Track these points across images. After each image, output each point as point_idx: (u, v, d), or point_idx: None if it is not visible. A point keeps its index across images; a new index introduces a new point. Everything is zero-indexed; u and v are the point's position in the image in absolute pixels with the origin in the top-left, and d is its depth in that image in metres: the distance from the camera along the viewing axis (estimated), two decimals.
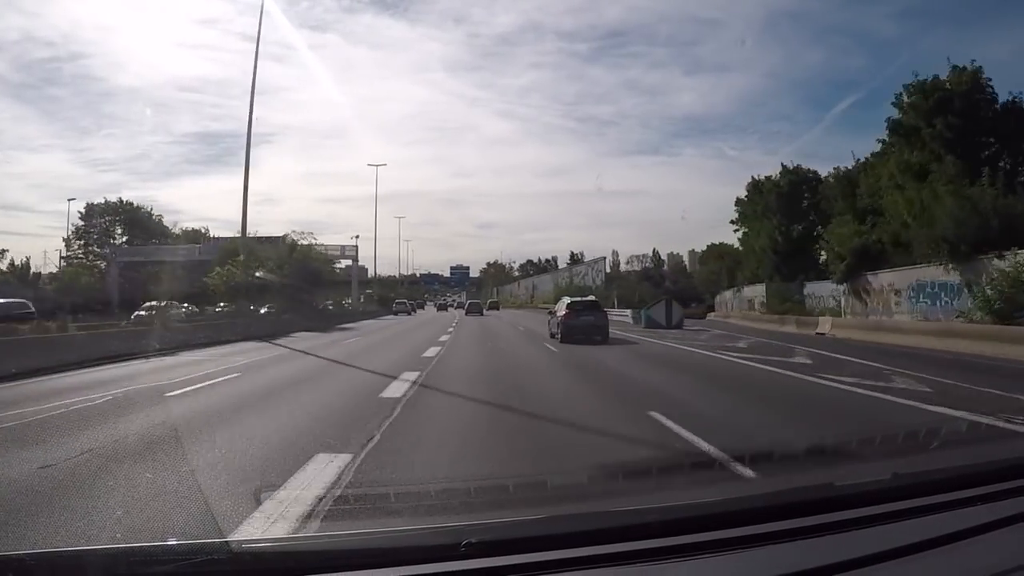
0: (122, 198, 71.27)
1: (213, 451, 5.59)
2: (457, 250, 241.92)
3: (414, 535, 1.78)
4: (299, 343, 20.88)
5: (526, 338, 23.09)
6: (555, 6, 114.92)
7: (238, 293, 28.10)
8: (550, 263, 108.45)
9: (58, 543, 3.28)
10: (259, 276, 30.27)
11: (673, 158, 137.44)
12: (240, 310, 27.83)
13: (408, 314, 60.33)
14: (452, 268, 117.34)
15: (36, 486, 4.50)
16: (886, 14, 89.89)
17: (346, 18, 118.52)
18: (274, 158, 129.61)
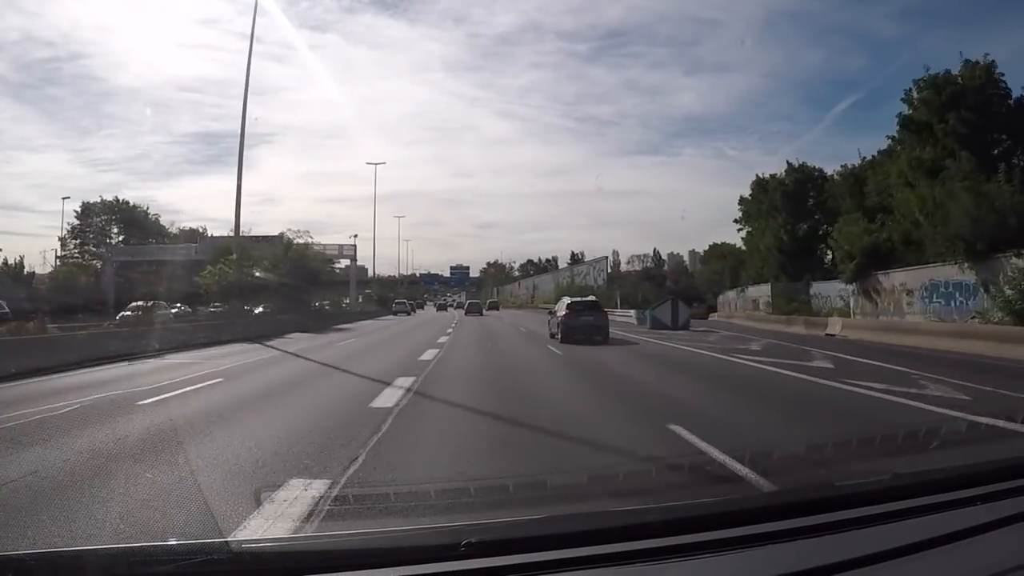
0: (118, 197, 70.92)
1: (172, 474, 4.85)
2: (457, 250, 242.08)
3: (414, 535, 1.77)
4: (292, 345, 20.07)
5: (527, 339, 22.37)
6: (555, 6, 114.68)
7: (231, 293, 27.15)
8: (550, 263, 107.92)
9: (58, 543, 3.23)
10: (253, 275, 29.35)
11: (673, 158, 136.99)
12: (233, 310, 26.85)
13: (408, 314, 59.94)
14: (452, 268, 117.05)
15: None
16: (886, 14, 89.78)
17: (346, 18, 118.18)
18: (274, 158, 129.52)
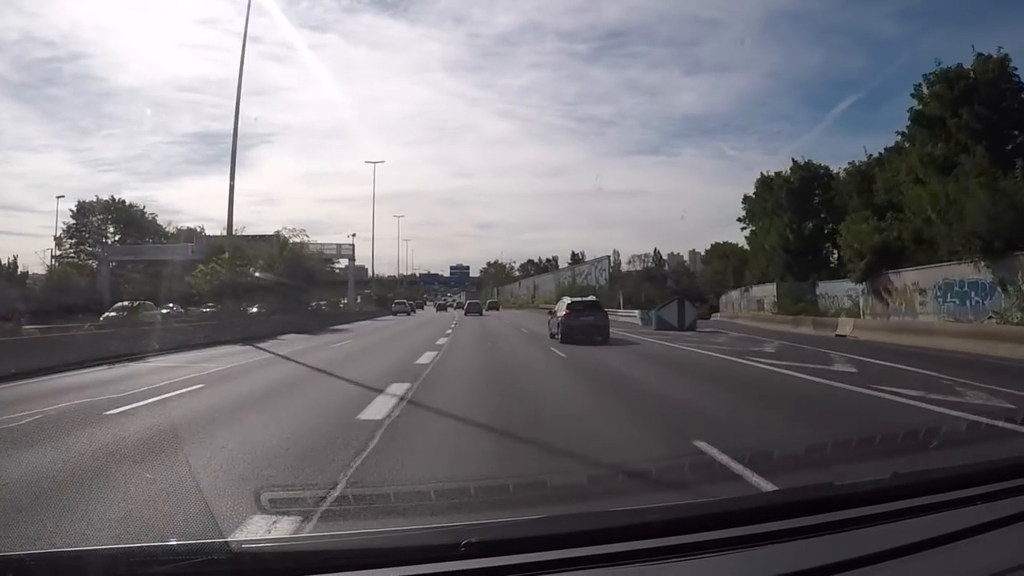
0: (115, 196, 70.03)
1: (107, 508, 4.11)
2: (457, 250, 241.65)
3: (414, 535, 1.76)
4: (285, 347, 19.30)
5: (529, 341, 21.66)
6: (555, 6, 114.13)
7: (224, 293, 26.33)
8: (551, 263, 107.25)
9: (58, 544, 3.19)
10: (247, 274, 28.55)
11: (673, 158, 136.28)
12: (225, 311, 26.02)
13: (407, 314, 59.41)
14: (452, 268, 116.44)
15: None
16: (886, 14, 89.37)
17: (346, 18, 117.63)
18: (274, 158, 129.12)
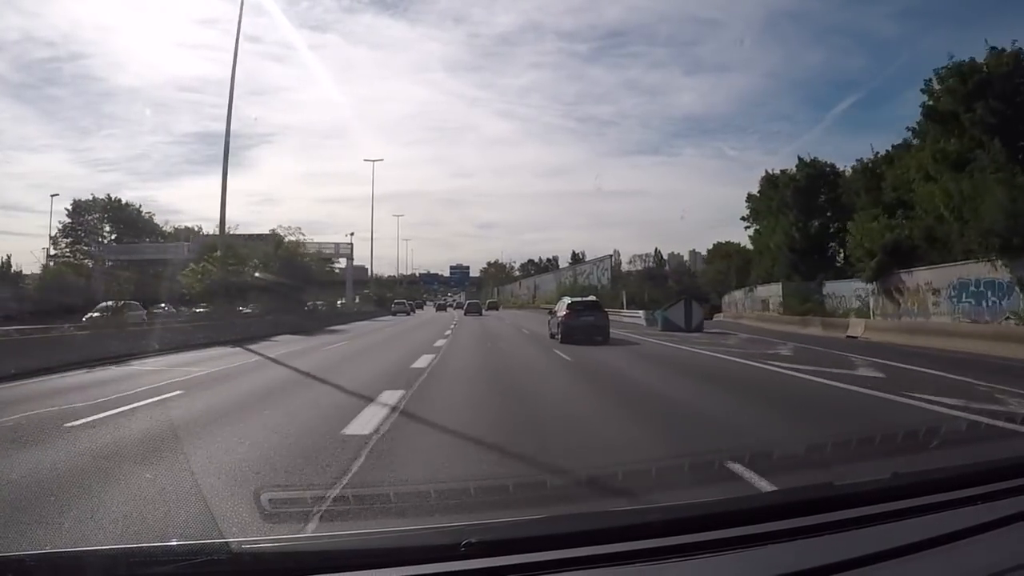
0: (111, 195, 69.25)
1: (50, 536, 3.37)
2: (457, 250, 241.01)
3: (414, 535, 1.76)
4: (275, 349, 18.54)
5: (531, 342, 20.94)
6: (555, 6, 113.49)
7: (216, 292, 25.54)
8: (551, 263, 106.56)
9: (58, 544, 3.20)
10: (240, 273, 27.73)
11: (673, 158, 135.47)
12: (217, 311, 25.24)
13: (407, 314, 58.84)
14: (452, 268, 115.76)
15: None
16: (886, 14, 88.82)
17: (346, 18, 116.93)
18: (274, 158, 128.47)
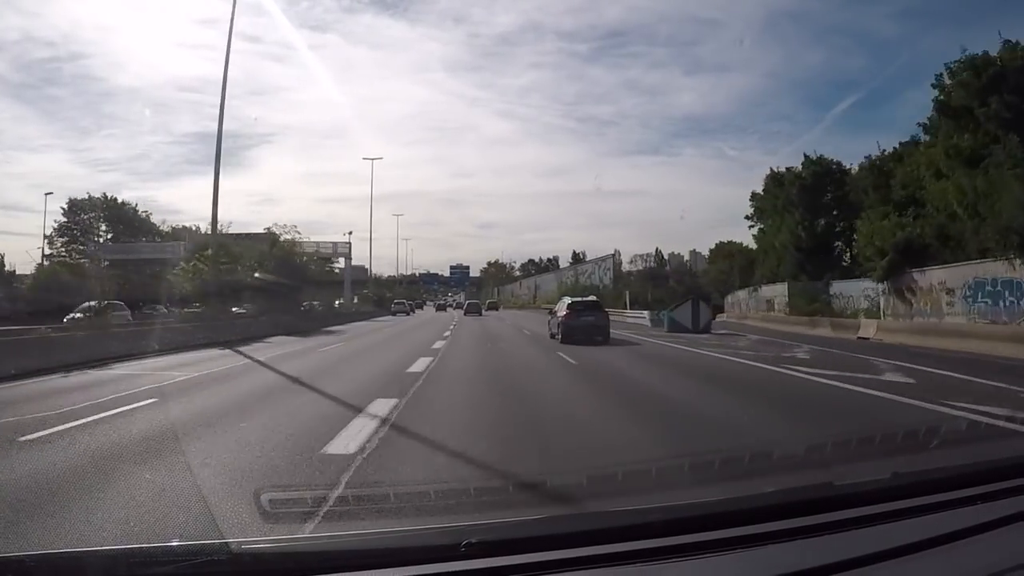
0: (107, 194, 68.60)
1: None
2: (457, 250, 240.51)
3: (414, 535, 1.75)
4: (267, 351, 17.77)
5: (532, 343, 20.22)
6: (555, 6, 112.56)
7: (208, 292, 24.77)
8: (551, 263, 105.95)
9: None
10: (232, 271, 26.95)
11: (673, 158, 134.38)
12: (209, 311, 24.44)
13: (407, 315, 58.16)
14: (452, 268, 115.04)
15: None
16: (886, 14, 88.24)
17: (346, 18, 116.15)
18: (274, 158, 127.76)
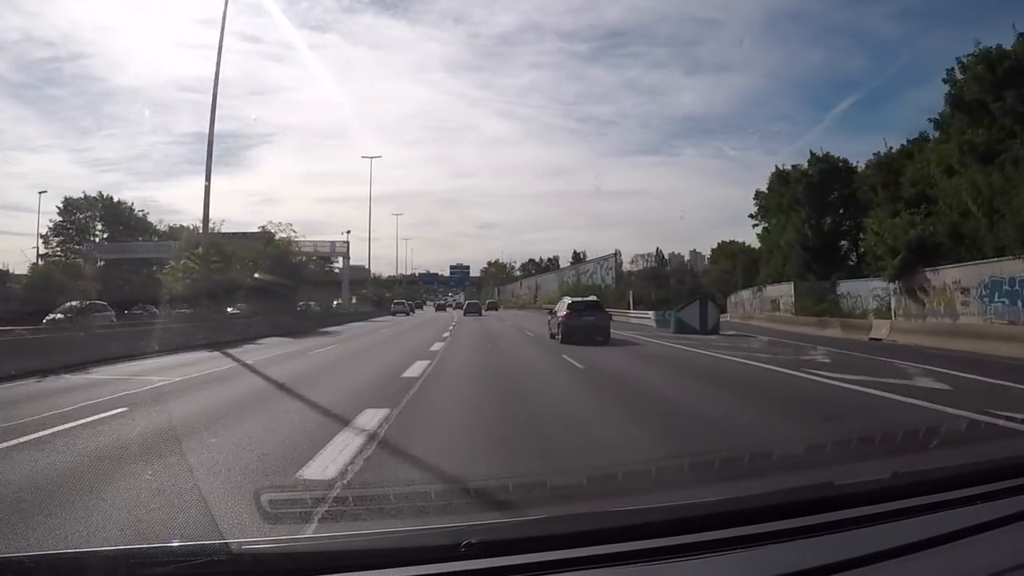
0: (103, 193, 67.83)
1: None
2: (457, 250, 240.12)
3: (414, 535, 1.75)
4: (257, 353, 17.01)
5: (533, 343, 19.55)
6: (555, 6, 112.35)
7: (199, 292, 24.02)
8: (552, 263, 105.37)
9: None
10: (225, 271, 26.18)
11: (673, 158, 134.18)
12: (199, 312, 23.69)
13: (406, 315, 57.49)
14: (452, 268, 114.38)
15: None
16: (886, 14, 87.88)
17: (346, 18, 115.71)
18: (274, 158, 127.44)
